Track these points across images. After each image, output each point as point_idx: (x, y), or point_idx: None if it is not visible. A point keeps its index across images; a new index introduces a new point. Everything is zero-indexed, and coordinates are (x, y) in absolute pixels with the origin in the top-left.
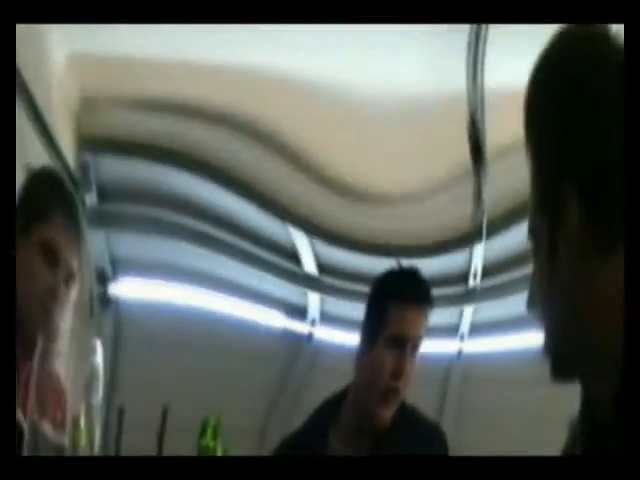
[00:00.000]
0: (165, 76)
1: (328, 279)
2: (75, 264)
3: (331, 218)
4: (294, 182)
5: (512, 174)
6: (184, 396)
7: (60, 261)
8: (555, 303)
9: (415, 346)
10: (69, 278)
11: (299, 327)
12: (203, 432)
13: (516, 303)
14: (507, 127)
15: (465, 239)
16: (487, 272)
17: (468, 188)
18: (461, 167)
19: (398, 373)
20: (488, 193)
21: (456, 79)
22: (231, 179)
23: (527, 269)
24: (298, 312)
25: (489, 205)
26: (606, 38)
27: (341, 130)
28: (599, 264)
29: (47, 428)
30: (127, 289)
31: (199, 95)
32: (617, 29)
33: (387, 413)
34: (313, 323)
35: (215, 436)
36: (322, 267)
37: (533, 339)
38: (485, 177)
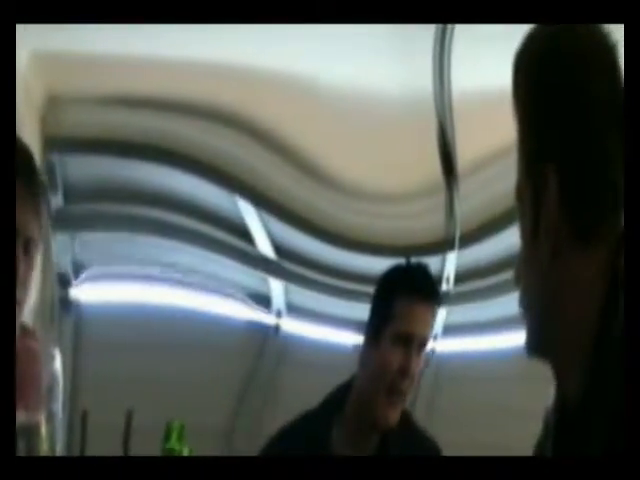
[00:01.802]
0: (129, 73)
1: (289, 265)
2: (34, 228)
3: (301, 205)
4: (274, 171)
5: (484, 189)
6: (148, 398)
7: (17, 230)
8: (534, 282)
9: (422, 345)
10: (29, 244)
11: (264, 318)
12: (167, 436)
13: (488, 308)
14: (478, 140)
15: (437, 246)
16: (459, 279)
17: (440, 201)
18: (433, 180)
19: (404, 372)
20: (460, 208)
21: (426, 88)
22: (197, 165)
23: (498, 278)
24: (262, 303)
25: (461, 219)
26: (595, 28)
27: (308, 114)
28: (576, 250)
29: (19, 415)
30: (87, 292)
31: (164, 90)
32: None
33: (392, 416)
34: (279, 314)
35: (180, 439)
36: (285, 254)
37: (504, 342)
38: (457, 192)
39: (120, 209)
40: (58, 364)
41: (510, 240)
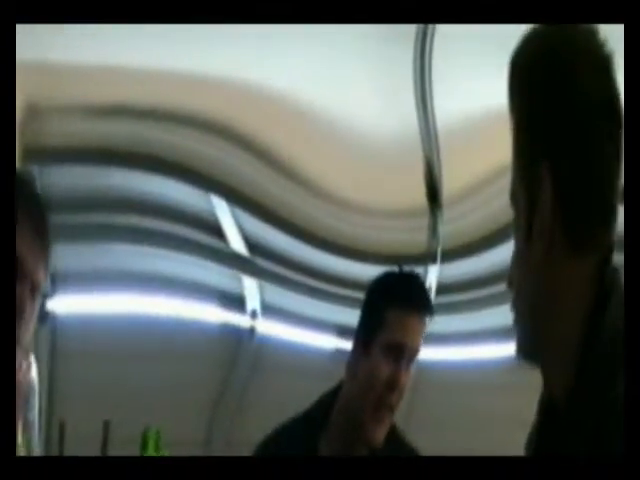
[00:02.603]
0: (108, 82)
1: (263, 263)
2: (41, 274)
3: (283, 207)
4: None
5: (467, 216)
6: (125, 407)
7: (26, 273)
8: (526, 284)
9: (411, 357)
10: (35, 289)
11: (239, 320)
12: (144, 445)
13: (470, 319)
14: (463, 171)
15: (419, 259)
16: (441, 290)
17: (424, 222)
18: (418, 203)
19: (393, 385)
20: (443, 230)
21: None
22: (176, 170)
23: (479, 293)
24: (236, 303)
25: (444, 239)
26: (589, 30)
27: (287, 123)
28: (568, 253)
29: None
30: (63, 302)
31: (142, 98)
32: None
33: (380, 432)
34: (254, 315)
35: (157, 447)
36: (260, 252)
37: (484, 352)
38: (441, 217)
39: (96, 218)
40: (34, 373)
41: (491, 258)
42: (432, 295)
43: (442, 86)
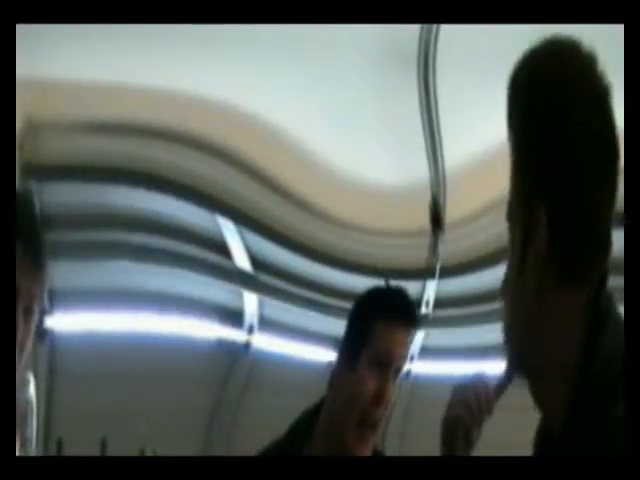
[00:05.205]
0: (106, 99)
1: (265, 279)
2: (36, 295)
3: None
4: (248, 193)
5: (467, 239)
6: (122, 425)
7: (19, 295)
8: (517, 313)
9: (398, 370)
10: (29, 310)
11: (235, 335)
12: None
13: (464, 335)
14: (465, 199)
15: (417, 273)
16: (438, 305)
17: (425, 241)
18: (420, 227)
19: (379, 399)
20: (443, 249)
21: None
22: (173, 187)
23: (475, 309)
24: (234, 318)
25: (444, 257)
26: (582, 56)
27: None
28: (560, 288)
29: None
30: (61, 320)
31: (140, 116)
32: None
33: (362, 450)
34: (251, 330)
35: None
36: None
37: (480, 369)
38: (442, 238)
39: (95, 236)
40: (32, 390)
41: (489, 277)
42: (430, 309)
43: (448, 120)
